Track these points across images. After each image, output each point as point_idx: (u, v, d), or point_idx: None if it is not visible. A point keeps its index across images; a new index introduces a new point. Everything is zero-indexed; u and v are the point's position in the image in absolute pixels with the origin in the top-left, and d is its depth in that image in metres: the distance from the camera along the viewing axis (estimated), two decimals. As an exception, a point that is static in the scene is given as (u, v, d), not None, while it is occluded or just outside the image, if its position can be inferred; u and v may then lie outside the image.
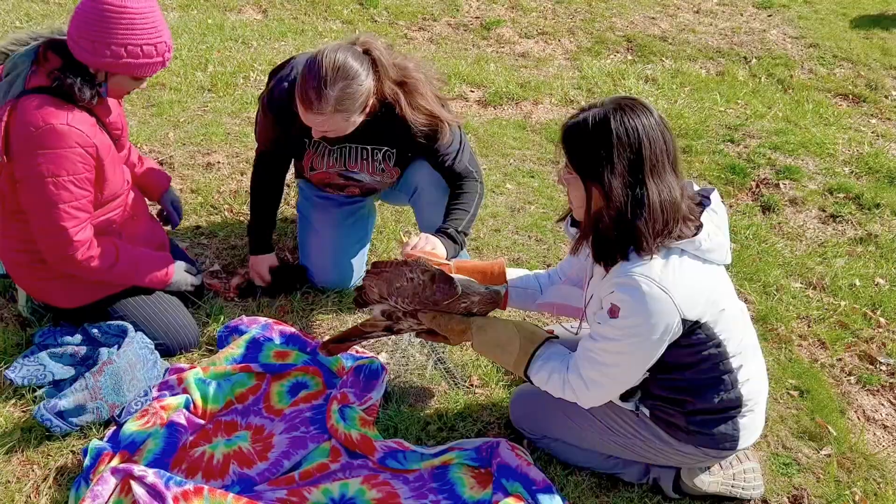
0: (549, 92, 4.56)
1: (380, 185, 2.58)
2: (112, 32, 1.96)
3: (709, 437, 1.87)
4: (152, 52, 2.02)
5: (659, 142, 1.64)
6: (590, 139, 1.64)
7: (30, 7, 4.76)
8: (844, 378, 2.60)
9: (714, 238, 1.72)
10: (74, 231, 2.08)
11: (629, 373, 1.79)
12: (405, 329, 2.10)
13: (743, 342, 1.84)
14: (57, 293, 2.27)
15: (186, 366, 2.31)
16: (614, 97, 1.70)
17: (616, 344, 1.72)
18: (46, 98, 1.99)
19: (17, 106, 1.99)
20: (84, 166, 2.04)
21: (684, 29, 5.67)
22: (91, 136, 2.04)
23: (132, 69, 2.03)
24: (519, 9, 5.78)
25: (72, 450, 2.05)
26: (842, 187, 3.71)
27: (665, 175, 1.65)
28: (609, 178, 1.63)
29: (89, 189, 2.09)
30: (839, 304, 2.93)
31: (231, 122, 3.78)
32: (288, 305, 2.65)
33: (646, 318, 1.65)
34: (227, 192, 3.22)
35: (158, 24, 2.03)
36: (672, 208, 1.65)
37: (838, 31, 5.74)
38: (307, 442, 2.12)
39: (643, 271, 1.64)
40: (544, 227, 3.22)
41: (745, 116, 4.43)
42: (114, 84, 2.09)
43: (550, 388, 1.88)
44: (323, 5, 5.43)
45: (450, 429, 2.23)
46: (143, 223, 2.41)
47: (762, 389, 1.93)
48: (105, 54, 1.98)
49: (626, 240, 1.66)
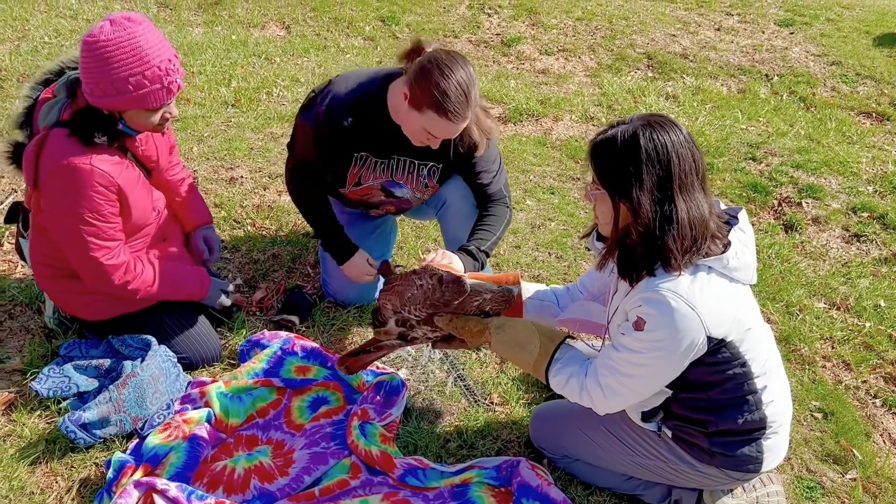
0: (569, 108, 4.57)
1: (416, 201, 2.59)
2: (98, 71, 1.91)
3: (732, 458, 1.85)
4: (143, 83, 1.93)
5: (688, 159, 1.64)
6: (619, 155, 1.65)
7: (58, 23, 4.85)
8: (869, 400, 2.57)
9: (741, 257, 1.71)
10: (106, 259, 2.10)
11: (648, 385, 1.78)
12: (420, 338, 2.06)
13: (768, 363, 1.83)
14: (82, 306, 2.30)
15: (209, 379, 2.32)
16: (643, 114, 1.71)
17: (638, 356, 1.71)
18: (72, 135, 2.00)
19: (47, 138, 2.01)
20: (107, 203, 2.05)
21: (705, 46, 5.66)
22: (114, 176, 2.04)
23: (132, 103, 1.97)
24: (539, 26, 5.80)
25: (95, 462, 2.07)
26: (865, 206, 3.67)
27: (694, 192, 1.65)
28: (637, 193, 1.63)
29: (115, 220, 2.10)
30: (864, 325, 2.90)
31: (254, 138, 3.82)
32: (309, 321, 2.66)
33: (671, 333, 1.65)
34: (250, 206, 3.25)
35: (142, 51, 1.90)
36: (701, 225, 1.65)
37: (861, 49, 5.70)
38: (327, 458, 2.12)
39: (671, 287, 1.64)
40: (564, 243, 3.21)
41: (766, 134, 4.40)
42: (131, 120, 2.05)
43: (567, 391, 1.86)
44: (345, 22, 5.49)
45: (469, 447, 2.22)
46: (173, 248, 2.41)
47: (786, 411, 1.91)
48: (98, 94, 1.95)
49: (654, 256, 1.66)
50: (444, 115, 2.12)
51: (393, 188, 2.51)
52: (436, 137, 2.22)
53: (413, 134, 2.25)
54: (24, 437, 2.11)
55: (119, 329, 2.33)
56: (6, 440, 2.10)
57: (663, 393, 1.85)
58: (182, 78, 2.03)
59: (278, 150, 3.71)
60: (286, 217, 3.20)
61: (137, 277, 2.18)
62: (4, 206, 3.04)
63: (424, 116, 2.14)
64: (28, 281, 2.68)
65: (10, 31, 4.65)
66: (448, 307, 1.96)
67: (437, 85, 2.09)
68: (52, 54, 4.36)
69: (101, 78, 1.91)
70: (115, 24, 1.89)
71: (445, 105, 2.09)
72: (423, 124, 2.17)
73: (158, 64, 1.93)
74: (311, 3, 5.71)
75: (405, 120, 2.24)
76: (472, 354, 2.56)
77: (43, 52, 4.40)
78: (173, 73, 1.98)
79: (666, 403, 1.87)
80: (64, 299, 2.32)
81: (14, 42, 4.52)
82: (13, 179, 3.23)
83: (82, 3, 5.26)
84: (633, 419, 1.95)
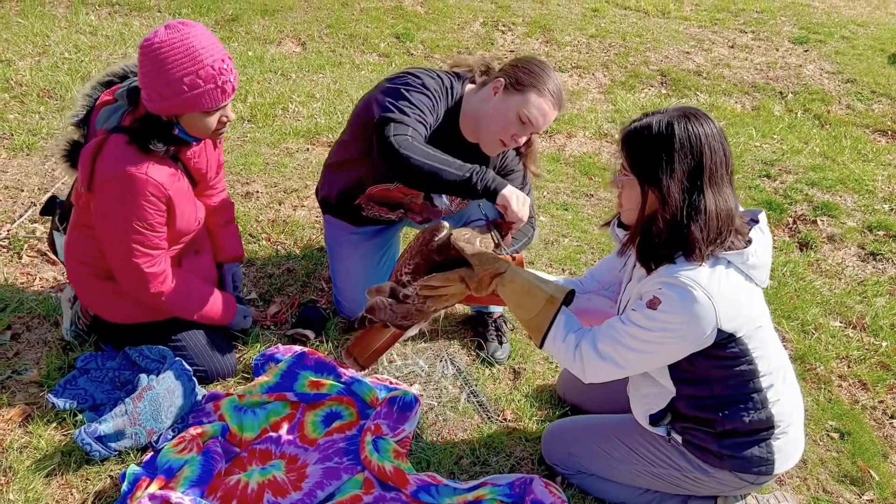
0: (582, 125, 4.58)
1: (447, 213, 2.59)
2: (153, 74, 1.93)
3: (742, 460, 1.85)
4: (197, 83, 1.94)
5: (719, 152, 1.66)
6: (652, 142, 1.67)
7: (78, 39, 4.92)
8: (887, 421, 2.54)
9: (760, 255, 1.73)
10: (148, 267, 2.14)
11: (644, 362, 1.79)
12: (412, 298, 1.91)
13: (775, 362, 1.83)
14: (111, 308, 2.31)
15: (223, 393, 2.33)
16: (678, 106, 1.73)
17: (645, 332, 1.71)
18: (131, 143, 2.02)
19: (106, 142, 2.04)
20: (156, 213, 2.09)
21: (719, 63, 5.67)
22: (167, 187, 2.07)
23: (188, 105, 1.97)
24: (553, 43, 5.83)
25: (110, 475, 2.08)
26: (881, 225, 3.65)
27: (723, 186, 1.67)
28: (668, 181, 1.65)
29: (161, 230, 2.14)
30: (880, 344, 2.87)
31: (269, 153, 3.85)
32: (323, 336, 2.67)
33: (683, 318, 1.66)
34: (265, 221, 3.28)
35: (195, 51, 1.92)
36: (727, 218, 1.67)
37: (876, 67, 5.69)
38: (341, 473, 2.12)
39: (691, 275, 1.66)
40: (578, 260, 3.21)
41: (781, 152, 4.40)
42: (187, 125, 2.05)
43: (560, 348, 1.84)
44: (360, 38, 5.54)
45: (482, 463, 2.22)
46: (204, 261, 2.45)
47: (795, 411, 1.90)
48: (156, 98, 1.97)
49: (677, 244, 1.67)
50: (549, 97, 2.21)
51: (434, 197, 2.53)
52: (525, 128, 2.24)
53: (504, 125, 2.24)
54: (40, 449, 2.12)
55: (137, 340, 2.35)
56: (23, 452, 2.11)
57: (668, 392, 1.86)
58: (236, 79, 2.03)
59: (294, 165, 3.74)
60: (301, 232, 3.22)
61: (172, 291, 2.22)
62: (24, 219, 3.08)
63: (525, 97, 2.21)
64: (46, 293, 2.71)
65: (31, 47, 4.72)
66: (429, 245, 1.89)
67: (540, 68, 2.24)
68: (73, 70, 4.43)
69: (158, 80, 1.94)
70: (169, 28, 1.93)
71: (550, 89, 2.22)
72: (522, 107, 2.21)
73: (212, 63, 1.94)
74: (327, 20, 5.77)
75: (492, 111, 2.25)
76: (486, 371, 2.56)
77: (63, 67, 4.47)
78: (227, 73, 1.98)
79: (672, 404, 1.87)
80: (94, 299, 2.32)
81: (35, 58, 4.59)
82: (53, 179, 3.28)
83: (102, 20, 5.35)
84: (641, 423, 1.95)
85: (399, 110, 2.17)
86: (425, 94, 2.26)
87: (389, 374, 2.53)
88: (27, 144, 3.64)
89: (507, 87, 2.23)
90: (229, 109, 2.09)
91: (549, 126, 2.31)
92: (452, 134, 2.35)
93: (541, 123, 2.24)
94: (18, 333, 2.53)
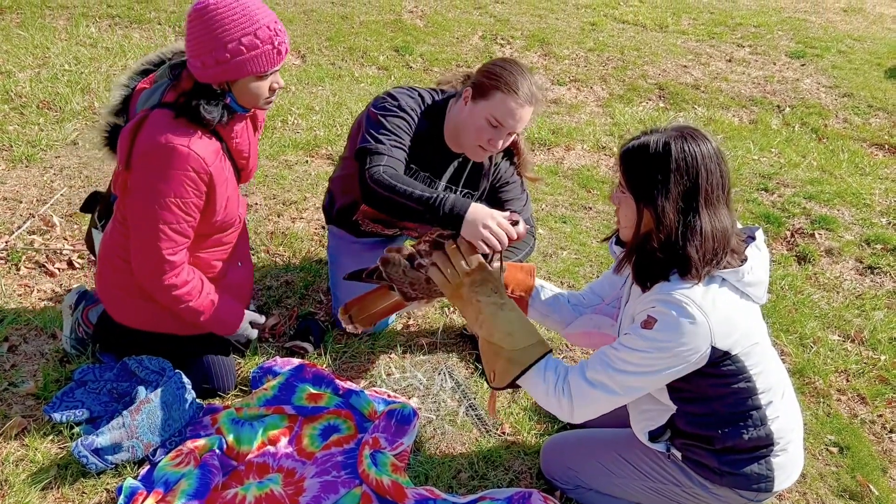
0: (580, 138, 4.60)
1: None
2: (208, 39, 1.89)
3: (742, 477, 1.84)
4: (255, 43, 1.90)
5: (716, 173, 1.66)
6: (648, 162, 1.67)
7: (78, 51, 4.94)
8: (886, 435, 2.54)
9: (756, 272, 1.73)
10: (168, 252, 2.06)
11: (639, 384, 1.74)
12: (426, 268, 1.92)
13: (773, 379, 1.83)
14: (123, 307, 2.28)
15: (220, 406, 2.33)
16: (677, 125, 1.73)
17: (639, 354, 1.70)
18: (176, 117, 1.98)
19: (147, 117, 2.00)
20: (194, 191, 2.03)
21: (717, 77, 5.69)
22: (209, 164, 2.01)
23: (244, 68, 1.93)
24: (551, 56, 5.86)
25: (106, 488, 2.07)
26: (879, 238, 3.66)
27: (719, 206, 1.67)
28: (662, 201, 1.65)
29: (193, 214, 2.07)
30: (879, 358, 2.87)
31: (269, 165, 3.86)
32: (321, 348, 2.66)
33: (678, 336, 1.66)
34: (263, 233, 3.28)
35: (251, 11, 1.90)
36: (723, 238, 1.68)
37: (873, 81, 5.72)
38: (338, 487, 2.11)
39: (686, 293, 1.66)
40: (577, 273, 3.21)
41: (778, 165, 4.41)
42: (240, 93, 2.01)
43: (540, 388, 1.78)
44: (360, 51, 5.56)
45: (481, 477, 2.21)
46: (241, 273, 2.41)
47: (795, 428, 1.90)
48: (211, 64, 1.92)
49: (672, 263, 1.67)
50: (514, 94, 2.18)
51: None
52: (498, 130, 2.23)
53: (476, 132, 2.25)
54: (36, 462, 2.11)
55: (139, 348, 2.33)
56: (19, 465, 2.10)
57: (667, 409, 1.85)
58: (289, 42, 2.01)
59: (293, 177, 3.75)
60: (299, 244, 3.22)
61: (185, 285, 2.14)
62: (23, 231, 3.08)
63: (491, 102, 2.20)
64: (44, 305, 2.71)
65: (31, 59, 4.74)
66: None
67: (503, 68, 2.21)
68: (72, 82, 4.44)
69: (214, 43, 1.90)
70: None
71: (513, 84, 2.18)
72: (489, 111, 2.21)
73: (268, 24, 1.92)
74: (327, 33, 5.80)
75: (467, 121, 2.27)
76: (484, 384, 2.56)
77: (63, 79, 4.48)
78: (282, 34, 1.96)
79: (671, 421, 1.87)
80: (110, 292, 2.28)
81: (35, 69, 4.60)
82: (52, 191, 3.28)
83: (102, 32, 5.37)
84: (641, 440, 1.95)
85: (376, 140, 2.23)
86: (402, 118, 2.30)
87: (387, 387, 2.52)
88: (26, 156, 3.65)
89: (474, 95, 2.25)
90: (279, 76, 2.07)
91: (525, 124, 2.27)
92: (438, 146, 2.40)
93: (511, 123, 2.23)
94: (16, 345, 2.52)
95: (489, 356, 1.83)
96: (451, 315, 2.89)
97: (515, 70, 2.22)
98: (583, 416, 1.78)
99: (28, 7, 5.64)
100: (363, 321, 2.10)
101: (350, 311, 2.09)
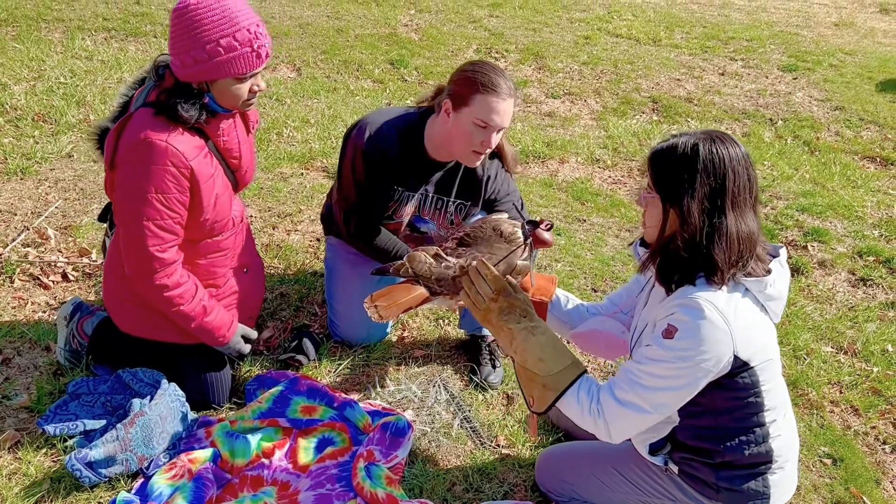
0: (574, 151, 4.62)
1: (439, 238, 2.62)
2: (187, 38, 1.90)
3: (738, 494, 1.84)
4: (233, 45, 1.91)
5: (743, 176, 1.67)
6: (676, 162, 1.69)
7: (74, 64, 4.95)
8: (879, 447, 2.55)
9: (778, 287, 1.74)
10: (155, 249, 2.05)
11: (667, 399, 1.73)
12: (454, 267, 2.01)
13: (779, 397, 1.84)
14: (127, 315, 2.28)
15: (215, 419, 2.32)
16: (706, 129, 1.75)
17: (663, 366, 1.69)
18: (156, 115, 1.99)
19: (131, 117, 2.01)
20: (176, 187, 2.01)
21: (710, 90, 5.74)
22: (188, 158, 2.01)
23: (221, 70, 1.94)
24: (546, 69, 5.90)
25: (99, 501, 2.06)
26: (871, 250, 3.68)
27: (745, 209, 1.68)
28: (689, 201, 1.66)
29: (178, 211, 2.05)
30: (871, 369, 2.88)
31: (264, 177, 3.86)
32: (316, 361, 2.66)
33: (699, 343, 1.65)
34: (259, 245, 3.27)
35: (231, 13, 1.91)
36: (749, 241, 1.68)
37: (864, 95, 5.77)
38: (332, 499, 2.11)
39: (709, 297, 1.66)
40: (571, 285, 3.22)
41: (771, 178, 4.44)
42: (219, 93, 2.02)
43: (576, 408, 1.79)
44: (355, 65, 5.59)
45: (475, 490, 2.21)
46: (249, 280, 2.39)
47: (792, 446, 1.90)
48: (189, 63, 1.93)
49: (697, 265, 1.68)
50: (494, 91, 2.21)
51: (419, 224, 2.56)
52: (488, 130, 2.25)
53: (467, 138, 2.28)
54: (29, 476, 2.10)
55: (135, 360, 2.33)
56: (11, 478, 2.09)
57: (670, 422, 1.85)
58: (270, 47, 2.02)
59: (288, 189, 3.76)
60: (294, 256, 3.22)
61: (177, 287, 2.13)
62: (17, 243, 3.08)
63: (472, 107, 2.23)
64: (38, 317, 2.70)
65: (26, 71, 4.75)
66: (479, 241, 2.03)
67: (475, 71, 2.24)
68: (68, 94, 4.45)
69: (193, 43, 1.91)
70: None
71: (489, 83, 2.21)
72: (474, 115, 2.23)
73: (248, 27, 1.93)
74: (322, 46, 5.82)
75: (452, 132, 2.31)
76: (479, 396, 2.56)
77: (58, 91, 4.49)
78: (262, 38, 1.97)
79: (672, 434, 1.87)
80: (115, 297, 2.27)
81: (30, 82, 4.61)
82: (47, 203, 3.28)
83: (97, 45, 5.39)
84: (640, 452, 1.94)
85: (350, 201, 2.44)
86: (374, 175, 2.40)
87: (382, 400, 2.52)
88: (21, 168, 3.65)
89: (455, 105, 2.27)
90: (260, 78, 2.08)
91: (510, 117, 2.30)
92: (418, 159, 2.43)
93: (498, 120, 2.25)
94: (9, 358, 2.52)
95: (525, 381, 1.85)
96: (445, 327, 2.90)
97: (487, 69, 2.26)
98: (620, 435, 1.78)
99: (24, 20, 5.66)
100: (388, 312, 2.08)
101: (376, 301, 2.07)
